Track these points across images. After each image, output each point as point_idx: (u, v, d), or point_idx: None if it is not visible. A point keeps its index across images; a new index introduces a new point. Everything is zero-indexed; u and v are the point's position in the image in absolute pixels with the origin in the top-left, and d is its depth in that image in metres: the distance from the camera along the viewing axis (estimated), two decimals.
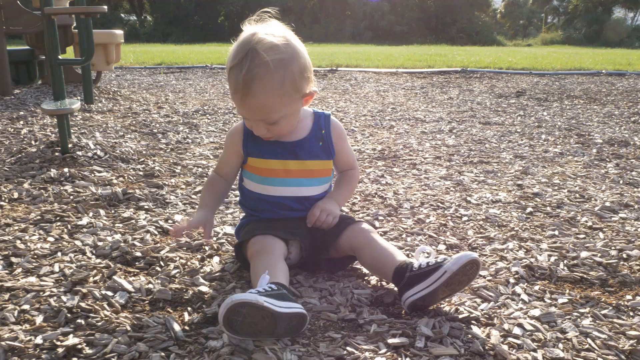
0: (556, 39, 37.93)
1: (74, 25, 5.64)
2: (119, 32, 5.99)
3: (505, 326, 1.35)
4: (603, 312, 1.44)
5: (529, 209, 2.30)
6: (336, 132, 1.70)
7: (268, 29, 1.48)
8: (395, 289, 1.48)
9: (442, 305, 1.45)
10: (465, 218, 2.19)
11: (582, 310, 1.44)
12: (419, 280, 1.38)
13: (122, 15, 40.46)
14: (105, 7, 2.88)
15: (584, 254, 1.79)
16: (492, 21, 43.79)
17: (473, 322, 1.37)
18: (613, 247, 1.86)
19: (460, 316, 1.39)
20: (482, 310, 1.43)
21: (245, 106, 1.48)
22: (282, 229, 1.59)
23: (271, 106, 1.48)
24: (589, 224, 2.12)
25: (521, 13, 47.11)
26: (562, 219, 2.18)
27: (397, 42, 29.31)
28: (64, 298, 1.42)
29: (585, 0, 41.75)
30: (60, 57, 3.03)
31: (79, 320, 1.32)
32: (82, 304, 1.39)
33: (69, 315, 1.34)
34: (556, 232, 2.02)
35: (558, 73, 9.13)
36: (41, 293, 1.46)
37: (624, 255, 1.79)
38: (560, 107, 5.42)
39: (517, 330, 1.33)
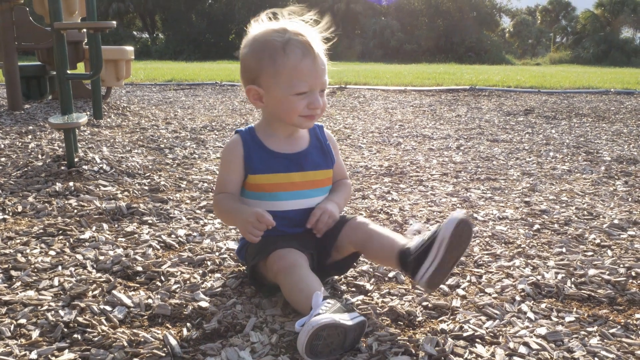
0: (565, 58, 37.97)
1: (86, 41, 5.70)
2: (130, 48, 6.05)
3: (511, 345, 1.32)
4: (611, 331, 1.40)
5: (536, 226, 2.26)
6: (332, 141, 1.75)
7: (294, 20, 1.57)
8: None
9: (446, 323, 1.42)
10: None
11: (589, 329, 1.41)
12: (422, 260, 1.39)
13: (135, 33, 41.05)
14: (114, 22, 2.90)
15: (591, 271, 1.75)
16: (500, 40, 43.95)
17: (478, 340, 1.34)
18: (621, 265, 1.82)
19: (465, 334, 1.36)
20: (487, 328, 1.40)
21: (315, 67, 1.51)
22: (294, 242, 1.56)
23: (326, 68, 1.56)
24: (597, 241, 2.08)
25: (530, 32, 47.26)
26: (569, 236, 2.14)
27: (407, 61, 29.42)
28: (61, 312, 1.40)
29: (593, 21, 41.81)
30: (69, 72, 3.05)
31: (75, 335, 1.30)
32: (80, 319, 1.37)
33: (65, 330, 1.33)
34: (564, 250, 1.99)
35: (566, 91, 9.10)
36: (39, 307, 1.44)
37: (633, 273, 1.75)
38: (569, 125, 5.39)
39: (522, 349, 1.30)
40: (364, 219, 1.64)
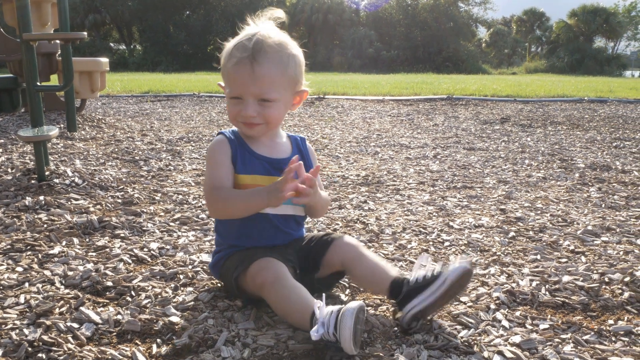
0: (540, 67, 38.60)
1: (59, 53, 5.62)
2: (104, 60, 5.98)
3: (485, 354, 1.31)
4: (585, 337, 1.40)
5: (512, 234, 2.27)
6: (313, 155, 1.74)
7: (272, 27, 1.56)
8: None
9: (421, 333, 1.40)
10: (447, 243, 2.15)
11: (563, 336, 1.40)
12: (419, 292, 1.43)
13: (112, 44, 40.71)
14: (85, 33, 2.86)
15: (565, 278, 1.76)
16: (477, 50, 44.54)
17: (452, 349, 1.33)
18: (595, 271, 1.83)
19: (439, 343, 1.35)
20: (461, 337, 1.39)
21: (250, 75, 1.48)
22: (275, 254, 1.54)
23: (274, 79, 1.50)
24: (571, 247, 2.10)
25: (505, 42, 47.97)
26: (544, 243, 2.15)
27: (385, 71, 29.66)
28: (26, 331, 1.36)
29: (567, 31, 42.63)
30: (39, 83, 3.00)
31: (40, 355, 1.26)
32: (45, 337, 1.33)
33: (29, 349, 1.28)
34: (538, 257, 2.00)
35: (542, 100, 9.23)
36: (3, 326, 1.40)
37: (606, 279, 1.76)
38: (544, 133, 5.45)
39: (497, 358, 1.29)
40: (354, 240, 1.66)
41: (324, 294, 1.36)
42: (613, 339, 1.40)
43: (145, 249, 2.01)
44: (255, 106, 1.52)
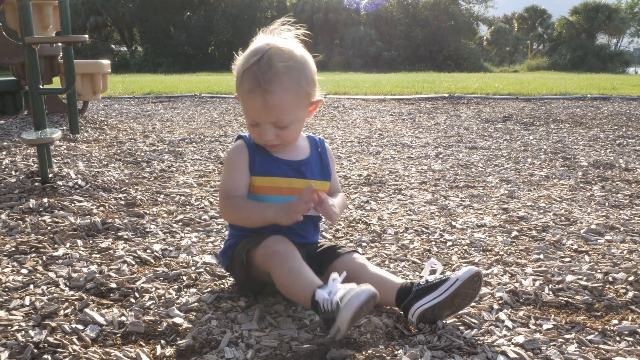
0: (542, 65, 38.52)
1: (61, 55, 5.63)
2: (106, 62, 5.99)
3: (489, 354, 1.31)
4: (589, 337, 1.40)
5: (514, 233, 2.27)
6: (330, 156, 1.75)
7: (280, 39, 1.55)
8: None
9: (424, 334, 1.41)
10: (449, 243, 2.16)
11: (567, 336, 1.41)
12: (428, 292, 1.44)
13: (113, 46, 40.74)
14: (86, 36, 2.87)
15: (569, 277, 1.76)
16: (478, 48, 44.47)
17: (455, 350, 1.33)
18: (599, 271, 1.83)
19: (442, 344, 1.35)
20: (465, 337, 1.39)
21: (263, 105, 1.49)
22: None
23: (287, 105, 1.51)
24: (575, 247, 2.10)
25: (507, 40, 47.90)
26: (547, 243, 2.15)
27: (386, 70, 29.64)
28: (31, 332, 1.37)
29: (569, 28, 42.56)
30: (42, 86, 3.01)
31: (45, 356, 1.27)
32: (50, 339, 1.33)
33: (35, 350, 1.29)
34: (541, 256, 2.00)
35: (544, 98, 9.22)
36: (9, 327, 1.40)
37: (610, 279, 1.76)
38: (546, 131, 5.45)
39: (500, 358, 1.29)
40: (360, 256, 1.66)
41: (344, 272, 1.39)
42: (617, 338, 1.40)
43: (149, 251, 2.02)
44: (272, 130, 1.54)
